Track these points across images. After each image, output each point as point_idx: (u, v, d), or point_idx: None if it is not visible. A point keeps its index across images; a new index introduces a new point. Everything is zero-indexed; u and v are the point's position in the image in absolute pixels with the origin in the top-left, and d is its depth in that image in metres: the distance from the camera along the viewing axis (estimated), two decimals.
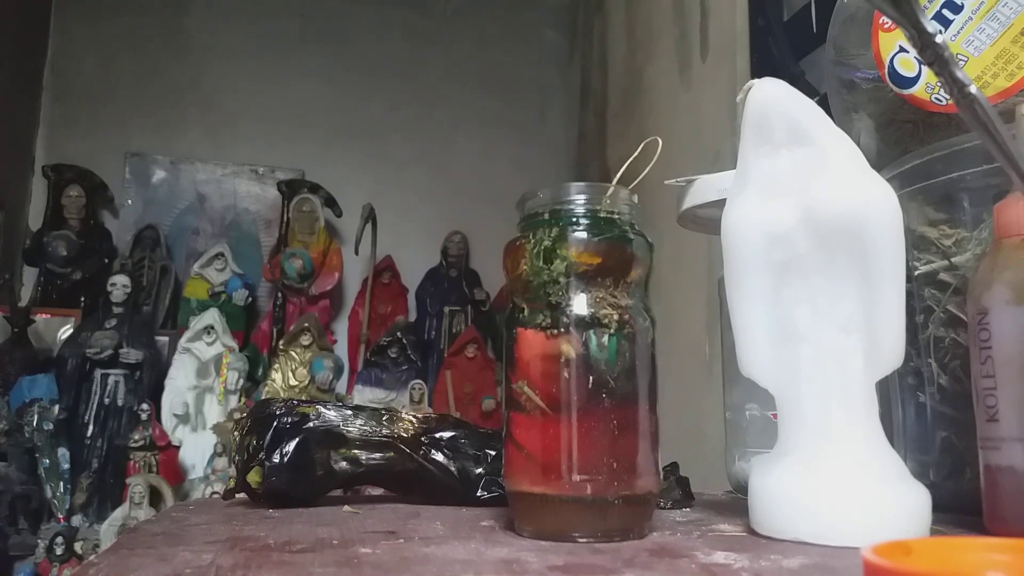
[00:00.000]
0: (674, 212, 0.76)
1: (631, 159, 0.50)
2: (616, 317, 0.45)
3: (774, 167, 0.48)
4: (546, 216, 0.47)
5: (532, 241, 0.47)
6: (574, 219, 0.47)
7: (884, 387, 0.47)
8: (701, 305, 1.52)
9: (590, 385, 0.44)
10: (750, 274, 0.48)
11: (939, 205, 0.57)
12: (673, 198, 0.76)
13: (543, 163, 2.89)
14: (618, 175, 0.49)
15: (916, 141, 0.60)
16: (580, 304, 0.45)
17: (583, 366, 0.45)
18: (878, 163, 0.55)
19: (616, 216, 0.48)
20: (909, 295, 0.51)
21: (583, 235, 0.46)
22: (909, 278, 0.55)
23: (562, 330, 0.45)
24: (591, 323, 0.45)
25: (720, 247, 0.50)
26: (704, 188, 0.71)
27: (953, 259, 0.56)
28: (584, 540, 0.44)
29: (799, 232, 0.46)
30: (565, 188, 0.47)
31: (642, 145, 0.51)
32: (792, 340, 0.47)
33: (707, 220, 0.75)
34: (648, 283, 0.49)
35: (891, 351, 0.45)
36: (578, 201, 0.47)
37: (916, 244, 0.57)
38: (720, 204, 0.52)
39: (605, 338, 0.45)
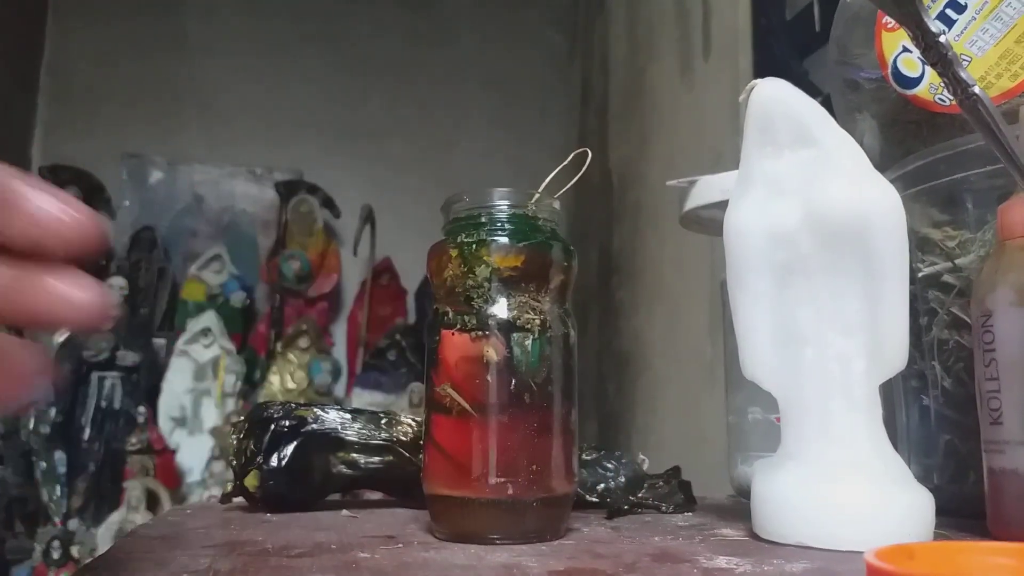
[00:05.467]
0: (676, 213, 0.76)
1: (560, 167, 0.51)
2: (538, 322, 0.47)
3: (777, 168, 0.48)
4: (470, 220, 0.48)
5: (456, 245, 0.48)
6: (498, 224, 0.48)
7: (887, 390, 0.47)
8: (703, 307, 1.52)
9: (512, 388, 0.45)
10: (753, 275, 0.48)
11: (943, 206, 0.57)
12: (675, 200, 0.75)
13: (543, 164, 2.84)
14: (545, 182, 0.50)
15: (920, 142, 0.60)
16: (502, 308, 0.46)
17: (506, 369, 0.45)
18: (881, 164, 0.54)
19: (539, 222, 0.49)
20: (912, 297, 0.51)
21: (506, 240, 0.47)
22: (912, 280, 0.55)
23: (486, 333, 0.46)
24: (514, 327, 0.46)
25: (722, 249, 0.50)
26: (706, 189, 0.71)
27: (957, 261, 0.55)
28: (500, 542, 0.44)
29: (802, 233, 0.46)
30: (489, 193, 0.49)
31: (572, 155, 0.52)
32: (795, 342, 0.46)
33: (709, 221, 0.74)
34: (570, 288, 0.50)
35: (895, 353, 0.44)
36: (502, 206, 0.48)
37: (920, 246, 0.57)
38: (722, 205, 0.51)
39: (528, 342, 0.46)
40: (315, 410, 0.61)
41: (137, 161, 2.83)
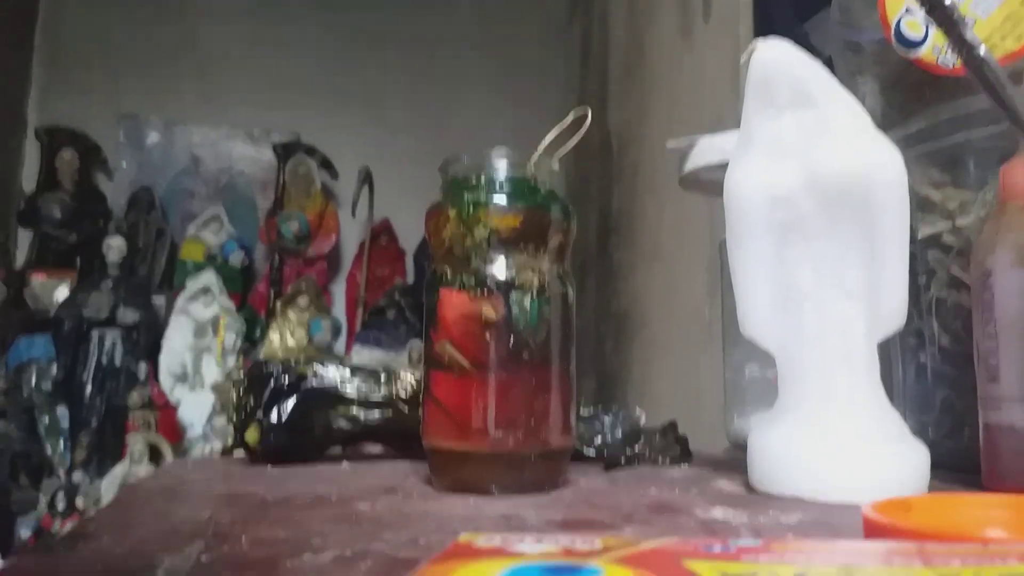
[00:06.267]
0: (676, 175, 0.76)
1: (559, 127, 0.51)
2: (536, 281, 0.47)
3: (778, 129, 0.48)
4: (469, 181, 0.49)
5: (454, 206, 0.48)
6: (496, 185, 0.48)
7: (885, 347, 0.47)
8: (702, 268, 1.52)
9: (511, 345, 0.46)
10: (753, 235, 0.48)
11: (944, 167, 0.57)
12: (675, 161, 0.75)
13: (542, 126, 2.82)
14: (544, 142, 0.50)
15: (921, 104, 0.59)
16: (501, 268, 0.47)
17: (505, 328, 0.46)
18: (883, 125, 0.54)
19: (538, 183, 0.49)
20: (912, 257, 0.51)
21: (504, 201, 0.48)
22: (912, 240, 0.55)
23: (484, 293, 0.46)
24: (512, 286, 0.46)
25: (722, 211, 0.50)
26: (707, 149, 0.70)
27: (957, 221, 0.55)
28: (500, 493, 0.45)
29: (802, 194, 0.46)
30: (487, 154, 0.49)
31: (571, 115, 0.51)
32: (794, 301, 0.47)
33: (709, 182, 0.74)
34: (569, 248, 0.50)
35: (893, 313, 0.45)
36: (500, 167, 0.48)
37: (920, 206, 0.57)
38: (723, 167, 0.51)
39: (526, 301, 0.47)
40: (315, 366, 0.61)
41: (134, 122, 2.81)
